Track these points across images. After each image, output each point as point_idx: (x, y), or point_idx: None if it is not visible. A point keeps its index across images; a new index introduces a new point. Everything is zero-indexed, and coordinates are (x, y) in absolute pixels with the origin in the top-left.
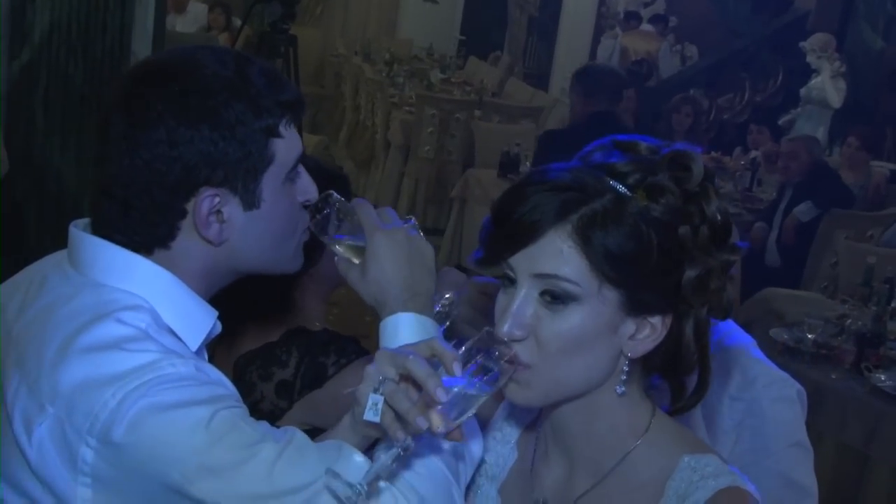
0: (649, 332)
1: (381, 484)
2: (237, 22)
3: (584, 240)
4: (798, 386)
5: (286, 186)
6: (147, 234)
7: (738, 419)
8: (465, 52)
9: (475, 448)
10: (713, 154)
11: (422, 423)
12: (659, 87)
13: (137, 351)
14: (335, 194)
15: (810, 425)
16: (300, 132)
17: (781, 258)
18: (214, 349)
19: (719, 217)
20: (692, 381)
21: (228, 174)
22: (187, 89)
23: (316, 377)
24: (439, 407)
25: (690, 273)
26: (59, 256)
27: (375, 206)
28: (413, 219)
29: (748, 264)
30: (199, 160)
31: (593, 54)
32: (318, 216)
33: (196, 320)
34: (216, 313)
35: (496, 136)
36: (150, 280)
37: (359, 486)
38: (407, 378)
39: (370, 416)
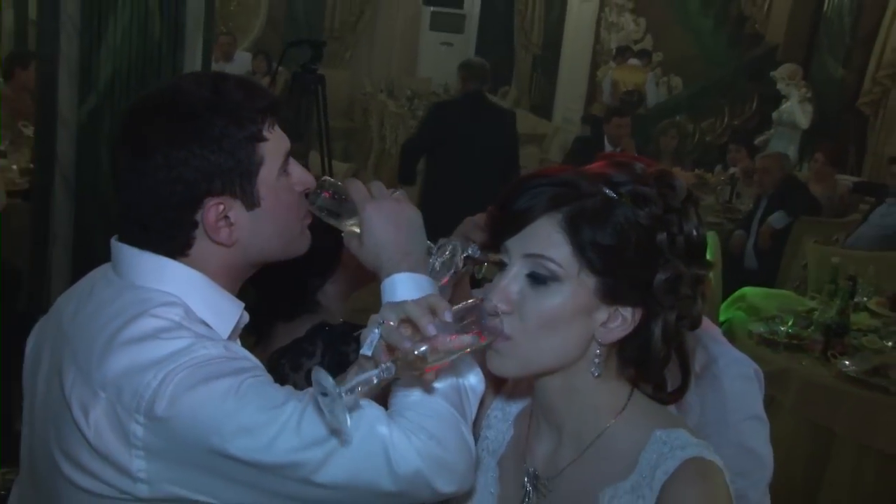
0: (620, 322)
1: (363, 402)
2: (280, 69)
3: (572, 229)
4: (755, 366)
5: (281, 181)
6: (167, 248)
7: (701, 394)
8: None
9: (476, 383)
10: (697, 171)
11: (408, 344)
12: (648, 114)
13: (172, 339)
14: (329, 178)
15: (783, 406)
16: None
17: (758, 261)
18: (252, 351)
19: (695, 234)
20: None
21: (225, 183)
22: (173, 116)
23: (339, 365)
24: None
25: (662, 275)
26: (105, 267)
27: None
28: (400, 190)
29: (730, 266)
30: (197, 176)
31: (590, 86)
32: (317, 200)
33: (224, 311)
34: (242, 304)
35: None
36: (181, 280)
37: (336, 390)
38: (405, 321)
39: (365, 350)
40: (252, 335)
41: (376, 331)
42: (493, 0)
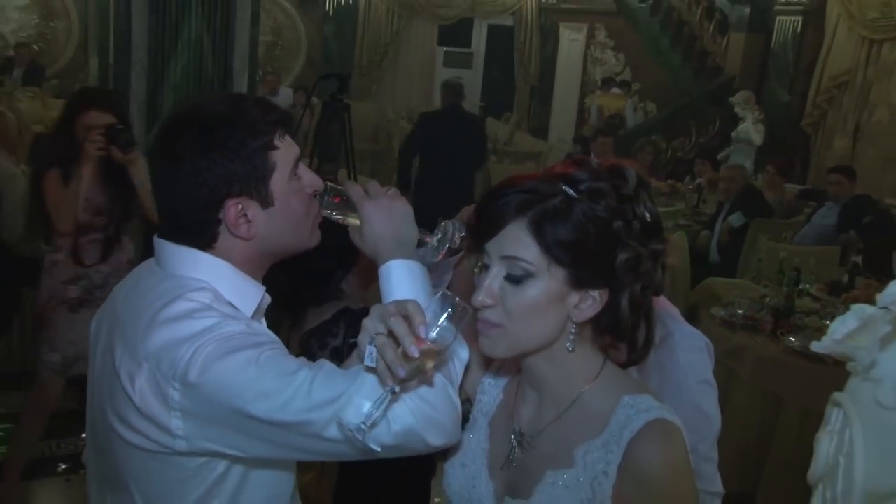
0: (591, 303)
1: (364, 371)
2: (314, 100)
3: (538, 230)
4: (706, 339)
5: (292, 183)
6: (197, 242)
7: (659, 362)
8: (484, 114)
9: (462, 352)
10: (669, 182)
11: (401, 373)
12: (627, 134)
13: (202, 318)
14: (332, 183)
15: (740, 377)
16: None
17: (721, 256)
18: (289, 334)
19: (648, 216)
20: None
21: (243, 185)
22: (198, 130)
23: None
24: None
25: (622, 257)
26: (151, 261)
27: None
28: (393, 187)
29: (697, 261)
30: (219, 181)
31: (580, 111)
32: (324, 201)
33: (248, 294)
34: (263, 288)
35: (507, 174)
36: (210, 268)
37: (362, 426)
38: (392, 333)
39: (368, 362)
40: (288, 320)
41: (374, 348)
42: (496, 40)
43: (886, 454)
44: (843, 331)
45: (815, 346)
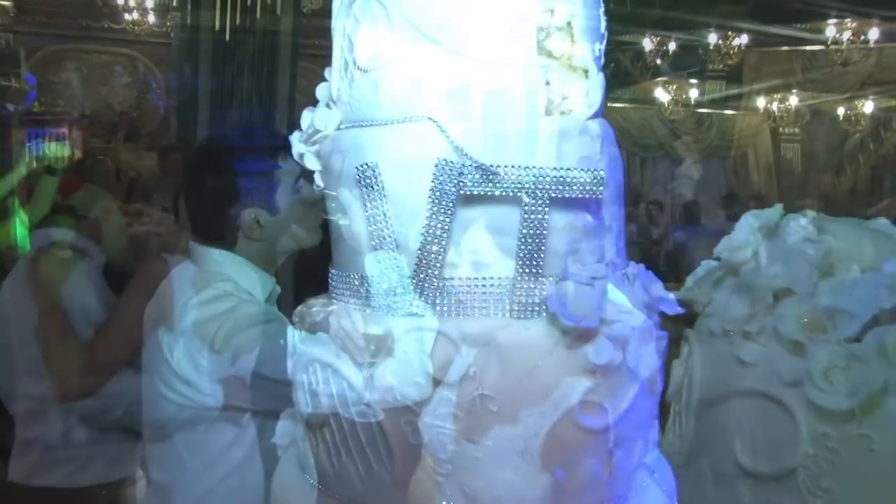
0: None
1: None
2: None
3: None
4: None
5: (294, 194)
6: (221, 244)
7: None
8: None
9: (431, 323)
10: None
11: (361, 359)
12: None
13: (225, 302)
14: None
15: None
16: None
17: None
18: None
19: None
20: None
21: (254, 199)
22: (217, 157)
23: None
24: None
25: None
26: (188, 262)
27: None
28: None
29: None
30: (234, 197)
31: None
32: (321, 206)
33: (262, 285)
34: (274, 280)
35: None
36: (232, 264)
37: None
38: None
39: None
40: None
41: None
42: None
43: (713, 371)
44: (693, 280)
45: (674, 295)
